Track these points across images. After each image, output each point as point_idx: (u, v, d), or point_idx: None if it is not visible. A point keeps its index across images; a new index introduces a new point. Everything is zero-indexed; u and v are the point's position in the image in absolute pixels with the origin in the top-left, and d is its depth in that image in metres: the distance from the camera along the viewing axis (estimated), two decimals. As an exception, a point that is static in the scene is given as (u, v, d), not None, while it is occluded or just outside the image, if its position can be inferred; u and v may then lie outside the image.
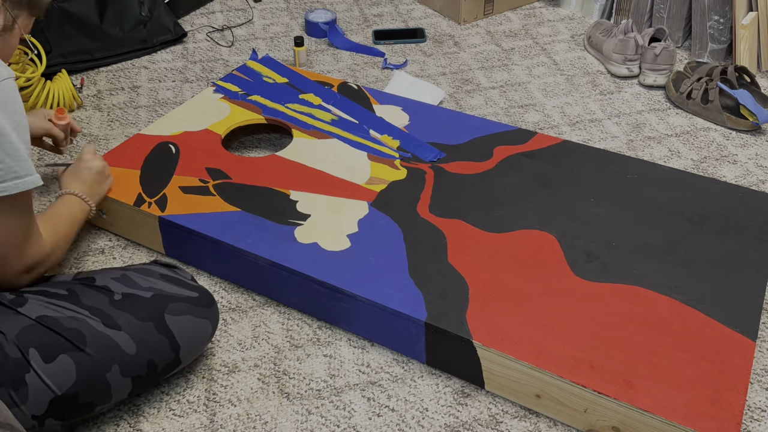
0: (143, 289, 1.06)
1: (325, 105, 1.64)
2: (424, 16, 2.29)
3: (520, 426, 1.10)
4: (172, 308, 1.05)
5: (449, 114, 1.61)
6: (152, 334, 1.03)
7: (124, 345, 1.00)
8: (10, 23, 1.07)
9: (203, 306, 1.09)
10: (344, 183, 1.40)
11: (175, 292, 1.07)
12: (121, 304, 1.03)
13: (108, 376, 1.00)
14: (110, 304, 1.03)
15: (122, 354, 1.00)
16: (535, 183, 1.40)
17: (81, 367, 0.97)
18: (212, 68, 2.00)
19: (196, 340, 1.09)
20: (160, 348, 1.04)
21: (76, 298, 1.03)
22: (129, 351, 1.01)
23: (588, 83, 1.94)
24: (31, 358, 0.95)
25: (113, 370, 1.00)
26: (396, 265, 1.22)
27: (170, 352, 1.05)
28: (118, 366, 1.00)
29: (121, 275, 1.09)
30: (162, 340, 1.04)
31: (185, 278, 1.12)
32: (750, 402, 1.13)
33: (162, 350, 1.04)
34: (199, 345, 1.11)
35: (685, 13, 2.03)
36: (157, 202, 1.35)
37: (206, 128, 1.55)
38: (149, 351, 1.03)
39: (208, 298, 1.11)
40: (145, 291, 1.06)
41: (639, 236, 1.27)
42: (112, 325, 1.00)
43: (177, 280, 1.10)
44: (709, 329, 1.10)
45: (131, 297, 1.04)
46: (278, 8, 2.33)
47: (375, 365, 1.19)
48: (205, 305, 1.09)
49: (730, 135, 1.74)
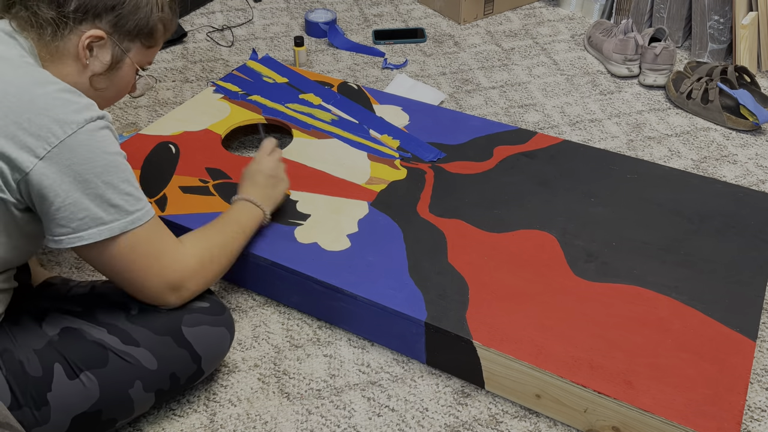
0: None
1: (325, 105, 1.64)
2: (424, 16, 2.29)
3: (520, 426, 1.10)
4: (188, 320, 1.04)
5: (449, 114, 1.61)
6: (172, 348, 1.02)
7: (145, 361, 1.00)
8: (119, 58, 0.98)
9: (216, 314, 1.07)
10: (344, 183, 1.40)
11: (189, 303, 1.06)
12: (137, 319, 1.02)
13: (131, 392, 0.99)
14: (127, 319, 1.01)
15: (144, 370, 1.00)
16: (535, 183, 1.40)
17: (104, 384, 0.97)
18: (212, 68, 2.00)
19: (216, 348, 1.08)
20: (182, 360, 1.03)
21: (93, 315, 1.01)
22: (150, 366, 1.00)
23: (588, 83, 1.94)
24: (55, 374, 0.94)
25: (136, 386, 0.99)
26: (396, 265, 1.22)
27: (192, 364, 1.05)
28: (140, 382, 1.00)
29: None
30: (182, 353, 1.03)
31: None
32: (750, 402, 1.13)
33: (183, 362, 1.04)
34: (220, 352, 1.10)
35: (685, 13, 2.03)
36: (157, 202, 1.35)
37: (206, 128, 1.55)
38: (171, 365, 1.02)
39: (220, 306, 1.09)
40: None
41: (639, 236, 1.27)
42: (131, 342, 0.99)
43: None
44: (709, 329, 1.10)
45: (147, 312, 1.03)
46: (278, 8, 2.33)
47: (375, 365, 1.19)
48: (217, 313, 1.08)
49: (730, 135, 1.74)
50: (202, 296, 1.08)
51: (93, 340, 0.98)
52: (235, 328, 1.13)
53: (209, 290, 1.11)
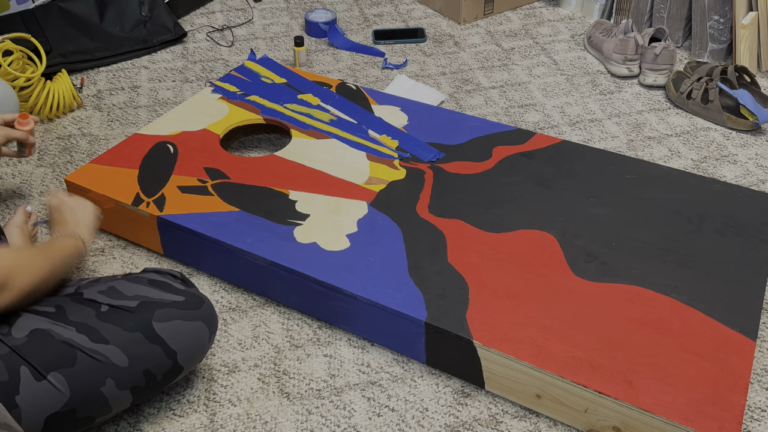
0: (129, 298, 1.04)
1: (323, 105, 1.64)
2: (424, 16, 2.28)
3: (520, 426, 1.10)
4: (159, 315, 1.03)
5: (448, 114, 1.61)
6: (143, 345, 1.01)
7: (114, 358, 0.99)
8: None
9: (191, 308, 1.06)
10: (343, 183, 1.40)
11: (161, 297, 1.05)
12: (107, 316, 1.01)
13: (103, 390, 0.98)
14: (96, 317, 1.00)
15: (114, 367, 0.99)
16: (534, 183, 1.40)
17: (73, 383, 0.96)
18: (212, 68, 2.00)
19: (193, 343, 1.06)
20: (155, 357, 1.02)
21: (63, 314, 1.01)
22: (120, 363, 0.99)
23: (588, 83, 1.94)
24: (22, 377, 0.93)
25: (108, 383, 0.98)
26: (396, 264, 1.21)
27: (167, 360, 1.03)
28: (112, 380, 0.99)
29: (108, 287, 1.06)
30: (155, 348, 1.02)
31: (173, 282, 1.09)
32: (750, 402, 1.13)
33: (157, 359, 1.02)
34: (199, 348, 1.08)
35: (685, 13, 2.03)
36: (156, 201, 1.35)
37: (205, 128, 1.55)
38: (143, 361, 1.01)
39: (196, 300, 1.08)
40: (131, 300, 1.03)
41: (639, 236, 1.27)
42: (99, 339, 0.98)
43: (165, 284, 1.08)
44: (709, 329, 1.10)
45: (117, 308, 1.02)
46: (278, 8, 2.33)
47: (375, 365, 1.19)
48: (192, 307, 1.06)
49: (730, 135, 1.74)
50: (177, 290, 1.07)
51: (61, 340, 0.97)
52: (217, 322, 1.10)
53: (188, 283, 1.10)
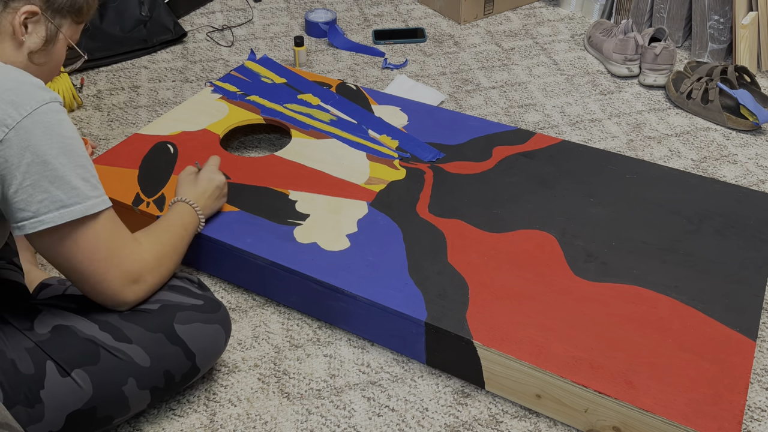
0: (149, 301, 1.05)
1: (323, 105, 1.64)
2: (424, 16, 2.29)
3: (520, 426, 1.10)
4: (180, 317, 1.04)
5: (448, 114, 1.61)
6: (164, 345, 1.02)
7: (137, 358, 1.00)
8: (53, 34, 0.99)
9: (209, 312, 1.08)
10: (343, 183, 1.40)
11: (181, 301, 1.06)
12: (129, 316, 1.02)
13: (125, 390, 0.99)
14: (119, 316, 1.01)
15: (137, 367, 1.00)
16: (534, 183, 1.40)
17: (96, 381, 0.97)
18: (212, 68, 2.00)
19: (211, 345, 1.08)
20: (175, 358, 1.03)
21: (86, 312, 1.01)
22: (143, 363, 1.00)
23: (588, 83, 1.94)
24: (48, 372, 0.94)
25: (129, 383, 0.99)
26: (396, 264, 1.21)
27: (186, 361, 1.05)
28: (134, 379, 1.00)
29: None
30: (175, 350, 1.03)
31: (191, 286, 1.10)
32: (750, 402, 1.13)
33: (177, 360, 1.04)
34: (215, 350, 1.10)
35: (685, 13, 2.03)
36: (155, 201, 1.35)
37: (205, 128, 1.55)
38: (164, 362, 1.02)
39: (214, 304, 1.09)
40: (153, 303, 1.04)
41: (639, 236, 1.27)
42: (123, 338, 0.99)
43: (183, 288, 1.09)
44: (709, 329, 1.10)
45: (139, 309, 1.03)
46: (278, 8, 2.33)
47: (375, 365, 1.19)
48: (211, 311, 1.08)
49: (730, 135, 1.74)
50: (196, 294, 1.08)
51: (85, 337, 0.98)
52: (231, 326, 1.13)
53: (204, 287, 1.11)
